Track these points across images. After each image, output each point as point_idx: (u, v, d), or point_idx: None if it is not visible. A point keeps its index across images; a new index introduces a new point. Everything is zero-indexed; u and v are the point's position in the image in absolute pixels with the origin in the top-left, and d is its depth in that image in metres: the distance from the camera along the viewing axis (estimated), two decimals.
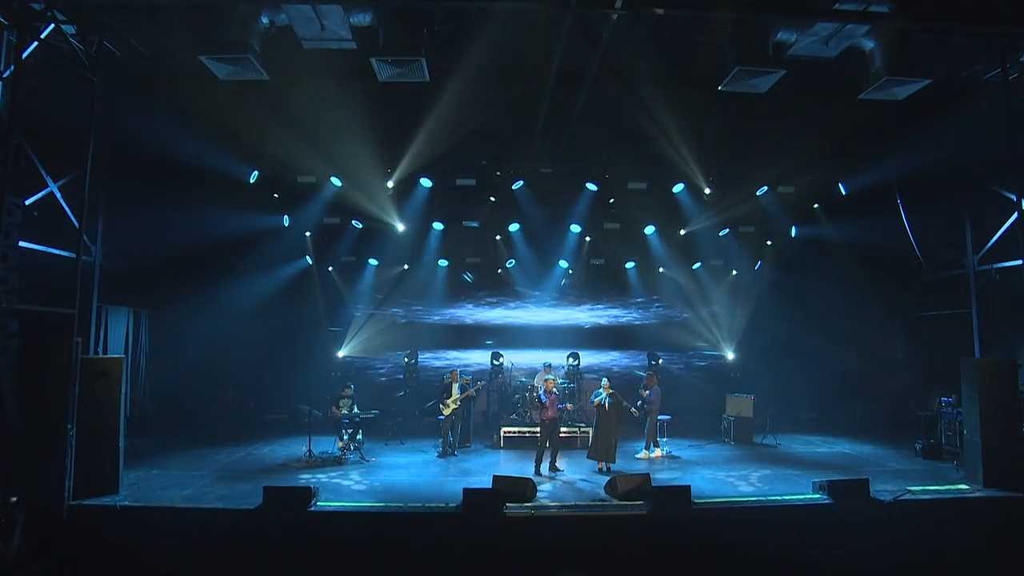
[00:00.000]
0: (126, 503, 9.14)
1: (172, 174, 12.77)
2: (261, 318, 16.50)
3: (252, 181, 13.36)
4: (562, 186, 14.06)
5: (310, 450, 12.44)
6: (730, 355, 17.88)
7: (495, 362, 17.22)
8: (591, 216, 14.99)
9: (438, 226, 15.79)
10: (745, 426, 14.80)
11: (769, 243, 16.59)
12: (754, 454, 13.56)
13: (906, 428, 15.80)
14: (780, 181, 13.94)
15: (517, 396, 15.80)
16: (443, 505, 9.40)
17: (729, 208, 14.37)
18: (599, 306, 18.48)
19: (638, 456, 13.27)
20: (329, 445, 13.10)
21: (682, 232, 15.92)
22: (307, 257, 16.84)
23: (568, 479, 11.41)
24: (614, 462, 11.97)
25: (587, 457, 12.11)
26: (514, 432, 14.36)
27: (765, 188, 14.06)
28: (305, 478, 11.08)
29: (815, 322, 17.20)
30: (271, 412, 16.74)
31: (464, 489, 9.26)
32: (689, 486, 9.61)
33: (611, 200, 14.56)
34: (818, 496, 9.87)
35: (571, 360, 16.81)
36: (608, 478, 10.48)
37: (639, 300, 18.31)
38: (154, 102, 11.05)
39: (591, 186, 13.91)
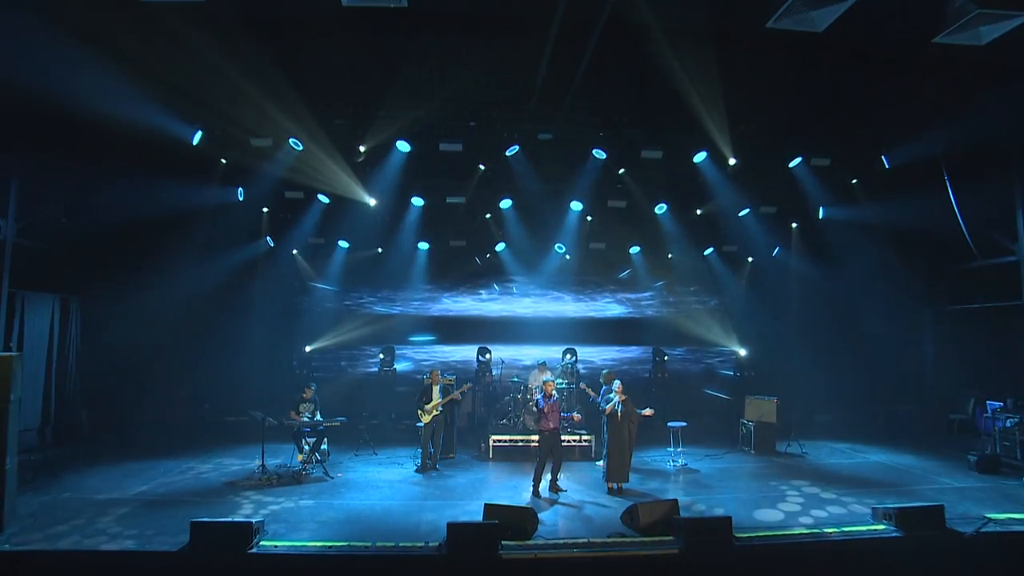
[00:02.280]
0: (6, 547, 7.00)
1: (101, 135, 10.58)
2: (216, 307, 14.49)
3: (195, 143, 11.14)
4: (564, 155, 12.00)
5: (263, 465, 10.37)
6: (743, 352, 16.05)
7: (482, 358, 15.31)
8: (595, 192, 12.97)
9: (417, 202, 13.68)
10: (767, 433, 13.01)
11: (794, 225, 14.72)
12: (782, 467, 11.75)
13: (939, 433, 14.17)
14: (815, 152, 12.04)
15: (508, 397, 13.92)
16: (422, 545, 7.43)
17: (755, 182, 12.41)
18: (599, 296, 16.60)
19: (599, 464, 11.63)
20: (289, 456, 11.10)
21: (699, 212, 14.00)
22: (267, 238, 14.66)
23: (574, 503, 9.47)
24: (627, 481, 10.05)
25: (604, 479, 10.17)
26: (505, 441, 12.42)
27: (799, 159, 12.15)
28: (252, 503, 9.00)
29: (835, 314, 15.46)
30: (229, 414, 14.61)
31: (448, 524, 7.27)
32: (730, 518, 7.73)
33: (621, 171, 12.56)
34: (883, 527, 8.06)
35: (567, 357, 14.95)
36: (621, 501, 8.63)
37: (644, 290, 16.45)
38: (76, 48, 8.87)
39: (599, 153, 11.89)
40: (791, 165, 12.23)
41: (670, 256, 15.57)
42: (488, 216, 14.25)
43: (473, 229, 14.58)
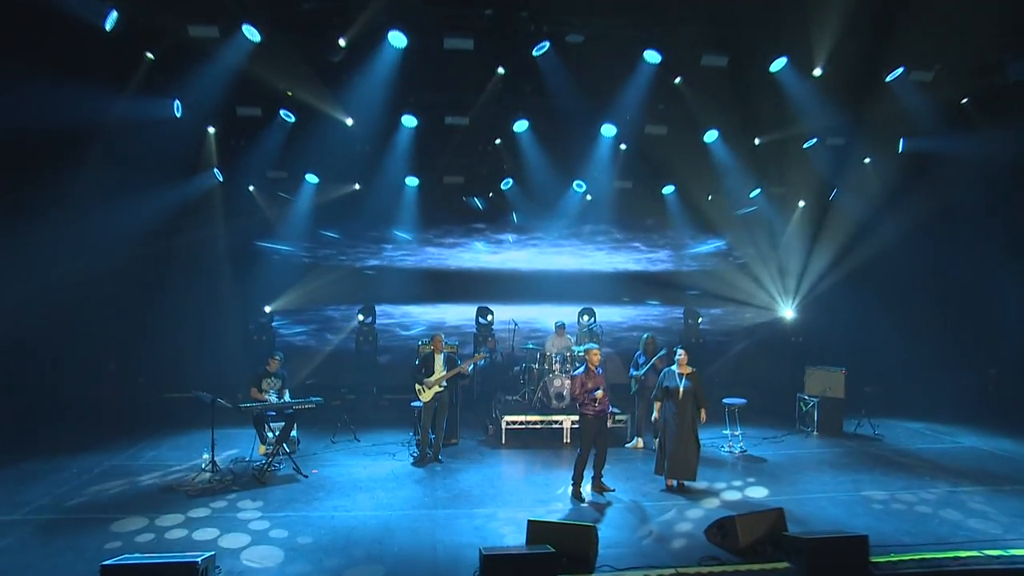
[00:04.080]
0: None
1: None
2: (151, 258, 12.18)
3: (109, 28, 8.47)
4: (608, 58, 9.60)
5: (213, 461, 8.15)
6: (789, 313, 14.22)
7: (482, 320, 13.26)
8: (639, 111, 10.69)
9: (409, 122, 11.22)
10: (834, 410, 11.29)
11: (867, 160, 12.69)
12: (862, 453, 10.02)
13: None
14: (920, 64, 9.92)
15: (518, 368, 11.94)
16: None
17: (837, 98, 10.21)
18: (622, 247, 14.53)
19: (628, 446, 10.18)
20: (248, 446, 9.04)
21: (756, 141, 11.88)
22: (214, 170, 12.11)
23: (630, 508, 7.53)
24: (693, 479, 8.12)
25: (656, 472, 8.24)
26: (521, 423, 10.42)
27: (900, 70, 9.98)
28: (197, 521, 6.80)
29: (896, 269, 13.57)
30: (170, 390, 12.37)
31: (483, 554, 5.25)
32: (866, 537, 5.89)
33: (676, 80, 10.29)
34: None
35: (585, 318, 13.11)
36: (688, 503, 6.75)
37: (675, 239, 14.45)
38: None
39: (652, 56, 9.55)
40: (889, 79, 10.06)
41: (710, 198, 13.53)
42: (498, 142, 11.88)
43: (476, 160, 12.21)
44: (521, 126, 11.34)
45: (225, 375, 12.28)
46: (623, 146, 12.03)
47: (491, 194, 13.18)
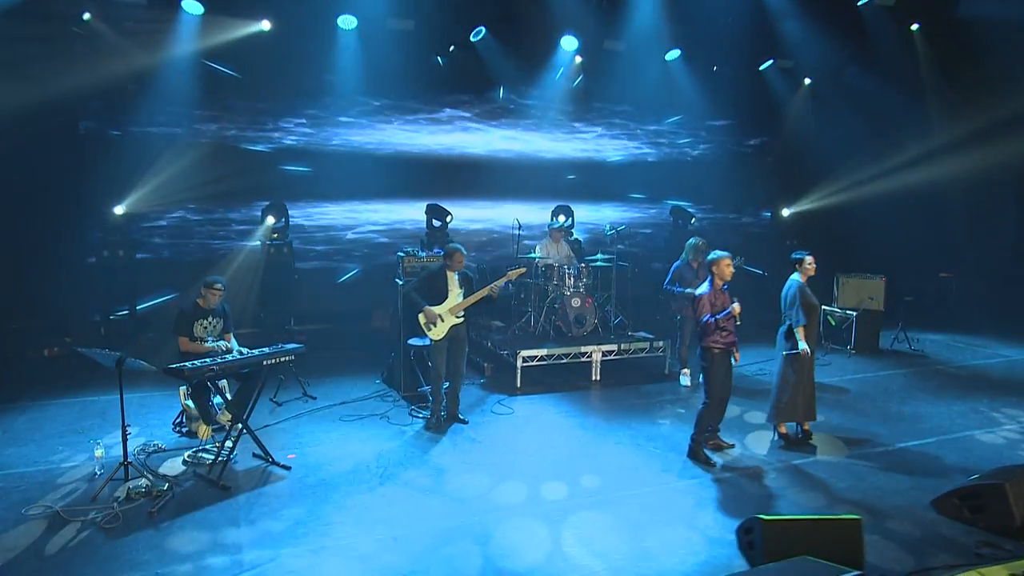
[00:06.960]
0: None
1: None
2: None
3: None
4: None
5: (126, 462, 5.11)
6: (785, 212, 13.12)
7: (437, 222, 10.66)
8: None
9: None
10: (872, 324, 10.46)
11: (916, 27, 11.36)
12: (939, 372, 9.32)
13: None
14: None
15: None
16: None
17: None
18: (597, 127, 12.33)
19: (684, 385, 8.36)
20: (146, 424, 6.41)
21: None
22: None
23: (784, 471, 5.83)
24: (814, 419, 6.56)
25: (769, 419, 6.53)
26: (542, 358, 8.25)
27: None
28: None
29: (903, 157, 12.71)
30: None
31: None
32: None
33: None
34: None
35: (560, 219, 11.26)
36: (832, 451, 5.86)
37: (664, 121, 12.55)
38: None
39: None
40: None
41: (715, 68, 11.68)
42: None
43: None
44: None
45: (52, 310, 9.02)
46: None
47: (452, 47, 10.21)
